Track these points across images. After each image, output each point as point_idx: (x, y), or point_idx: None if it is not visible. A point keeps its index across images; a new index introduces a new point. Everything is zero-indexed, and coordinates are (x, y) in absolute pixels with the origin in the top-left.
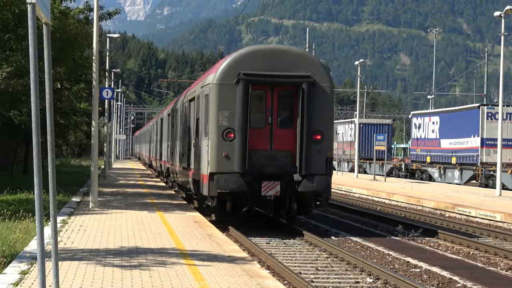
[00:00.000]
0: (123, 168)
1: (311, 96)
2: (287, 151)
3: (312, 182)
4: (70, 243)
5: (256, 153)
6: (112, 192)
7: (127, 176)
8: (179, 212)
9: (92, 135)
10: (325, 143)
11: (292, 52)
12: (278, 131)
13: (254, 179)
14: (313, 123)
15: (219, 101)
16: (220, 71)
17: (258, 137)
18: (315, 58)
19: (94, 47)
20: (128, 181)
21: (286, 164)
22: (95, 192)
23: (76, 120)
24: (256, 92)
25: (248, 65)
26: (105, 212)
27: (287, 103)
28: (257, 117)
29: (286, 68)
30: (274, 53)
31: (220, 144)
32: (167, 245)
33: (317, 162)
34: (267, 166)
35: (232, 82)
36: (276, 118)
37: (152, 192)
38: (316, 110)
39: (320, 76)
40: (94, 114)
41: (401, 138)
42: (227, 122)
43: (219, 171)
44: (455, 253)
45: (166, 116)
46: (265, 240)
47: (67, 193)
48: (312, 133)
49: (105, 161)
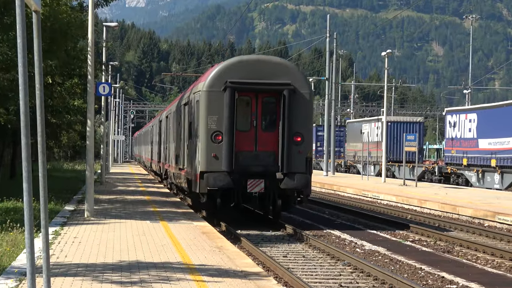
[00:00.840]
0: (122, 173)
1: (291, 102)
2: (270, 152)
3: (293, 180)
4: (63, 256)
5: (243, 153)
6: (110, 199)
7: (126, 181)
8: (185, 221)
9: (87, 136)
10: (305, 145)
11: (274, 61)
12: (262, 134)
13: (241, 177)
14: (293, 127)
15: (208, 106)
16: (209, 79)
17: (245, 139)
18: (295, 67)
19: (89, 37)
20: (127, 187)
21: (269, 164)
22: (90, 199)
23: (69, 119)
24: (243, 99)
25: (235, 74)
26: (102, 222)
27: (271, 108)
28: (243, 121)
29: (269, 77)
30: (258, 63)
31: (209, 145)
32: (172, 259)
33: (298, 162)
34: (252, 165)
35: (220, 89)
36: (261, 122)
37: (154, 199)
38: (297, 115)
39: (300, 83)
40: (89, 112)
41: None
42: (215, 126)
43: (208, 170)
44: (496, 267)
45: (164, 118)
46: (281, 252)
47: (59, 201)
48: (293, 135)
49: (101, 165)
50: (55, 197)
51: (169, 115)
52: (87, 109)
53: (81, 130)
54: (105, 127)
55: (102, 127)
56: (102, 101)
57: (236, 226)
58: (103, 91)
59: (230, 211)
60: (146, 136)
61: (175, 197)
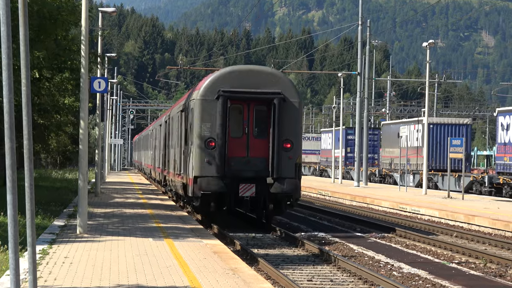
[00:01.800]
0: (120, 182)
1: (281, 110)
2: (261, 158)
3: (282, 184)
4: (52, 279)
5: (235, 159)
6: (106, 213)
7: (125, 192)
8: (194, 239)
9: (79, 139)
10: (294, 151)
11: (265, 71)
12: (254, 140)
13: (233, 181)
14: (283, 134)
15: (201, 114)
16: (203, 88)
17: (237, 146)
18: (285, 76)
19: (83, 25)
20: (126, 199)
21: (260, 169)
22: (83, 213)
23: (59, 120)
24: (235, 107)
25: (227, 83)
26: (97, 239)
27: (262, 116)
28: (236, 128)
29: (260, 86)
30: (250, 73)
31: (203, 151)
32: (179, 283)
33: (287, 167)
34: (244, 170)
35: (213, 98)
36: (252, 129)
37: (158, 213)
38: (286, 122)
39: (289, 92)
40: (83, 111)
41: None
42: (209, 133)
43: (202, 175)
44: None
45: (164, 122)
46: (305, 275)
47: (47, 214)
48: (283, 142)
49: (96, 173)
50: (42, 210)
51: (168, 120)
52: (79, 108)
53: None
54: (101, 129)
55: (97, 129)
56: (97, 99)
57: (266, 258)
58: (98, 88)
59: (231, 218)
60: (146, 140)
61: (181, 210)
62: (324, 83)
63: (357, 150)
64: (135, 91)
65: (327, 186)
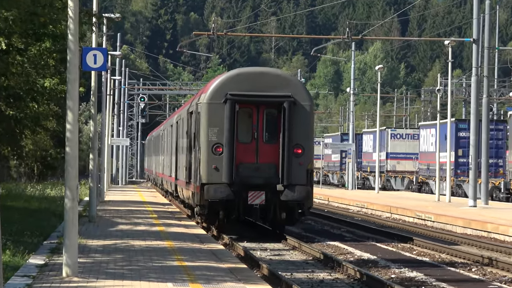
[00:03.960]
0: (125, 202)
1: (292, 114)
2: (271, 164)
3: (293, 192)
4: None
5: (243, 165)
6: (106, 247)
7: (132, 216)
8: (233, 284)
9: (66, 139)
10: (306, 156)
11: (274, 74)
12: (264, 145)
13: (241, 189)
14: (294, 139)
15: (209, 118)
16: (210, 92)
17: (246, 151)
18: (295, 79)
19: None
20: (135, 225)
21: (270, 176)
22: (73, 247)
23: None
24: (244, 111)
25: (235, 86)
26: (93, 284)
27: (272, 120)
28: (245, 133)
29: (269, 89)
30: (259, 75)
31: (210, 157)
32: None
33: (298, 174)
34: (253, 177)
35: (221, 101)
36: (262, 134)
37: (181, 246)
38: (297, 127)
39: (300, 95)
40: (71, 99)
41: None
42: (216, 138)
43: (209, 182)
44: None
45: (175, 123)
46: None
47: (19, 249)
48: (294, 147)
49: (91, 189)
50: (13, 243)
51: (178, 121)
52: (67, 94)
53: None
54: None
55: (92, 125)
56: (92, 80)
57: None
58: (93, 63)
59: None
60: (158, 142)
61: (215, 242)
62: (424, 56)
63: (473, 153)
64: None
65: (429, 207)
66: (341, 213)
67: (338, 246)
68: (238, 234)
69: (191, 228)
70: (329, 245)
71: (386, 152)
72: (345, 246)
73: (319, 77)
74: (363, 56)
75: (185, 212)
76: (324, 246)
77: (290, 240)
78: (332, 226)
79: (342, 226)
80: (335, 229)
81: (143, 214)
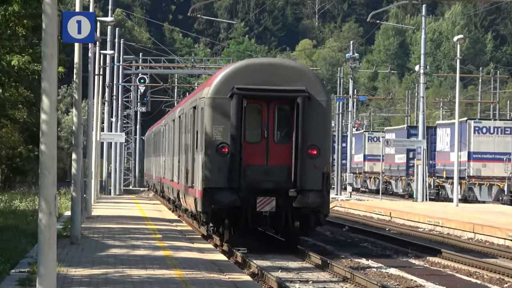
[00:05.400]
0: (119, 217)
1: (306, 111)
2: (283, 166)
3: (307, 198)
4: None
5: (252, 168)
6: (93, 277)
7: (128, 236)
8: None
9: (41, 133)
10: (322, 158)
11: (286, 65)
12: (275, 146)
13: (249, 194)
14: (308, 138)
15: (213, 115)
16: (214, 85)
17: (254, 152)
18: (310, 71)
19: None
20: (132, 249)
21: (282, 180)
22: (49, 277)
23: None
24: (252, 107)
25: (243, 79)
26: None
27: (284, 117)
28: (253, 132)
29: (281, 82)
30: (269, 67)
31: (214, 159)
32: None
33: (313, 178)
34: (263, 181)
35: (226, 96)
36: (272, 133)
37: (193, 276)
38: (312, 125)
39: (315, 90)
40: (47, 80)
41: None
42: (221, 137)
43: (213, 186)
44: None
45: (177, 117)
46: None
47: None
48: (308, 148)
49: (74, 199)
50: None
51: (182, 116)
52: (41, 75)
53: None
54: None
55: (75, 114)
56: (76, 56)
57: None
58: (77, 33)
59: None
60: (158, 139)
61: (239, 272)
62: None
63: None
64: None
65: None
66: (408, 232)
67: (403, 276)
68: (247, 245)
69: (207, 252)
70: (391, 275)
71: (467, 151)
72: (412, 276)
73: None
74: (437, 23)
75: (199, 231)
76: (384, 276)
77: (338, 268)
78: (395, 250)
79: (407, 249)
80: (399, 254)
81: (143, 234)
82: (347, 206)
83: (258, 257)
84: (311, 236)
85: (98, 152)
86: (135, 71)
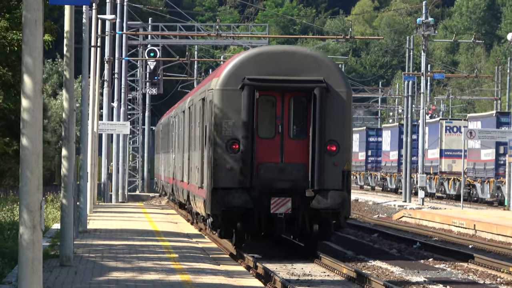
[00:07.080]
0: (123, 232)
1: (324, 103)
2: (299, 164)
3: (326, 198)
4: None
5: (265, 166)
6: None
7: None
8: None
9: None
10: (341, 155)
11: (302, 53)
12: (290, 141)
13: (262, 194)
14: (327, 133)
15: (222, 108)
16: (223, 76)
17: (268, 149)
18: (329, 59)
19: None
20: (140, 272)
21: (298, 179)
22: None
23: None
24: (265, 99)
25: (255, 68)
26: None
27: (300, 110)
28: (266, 126)
29: (296, 72)
30: (283, 55)
31: (223, 156)
32: None
33: (332, 176)
34: (277, 180)
35: (237, 87)
36: (287, 127)
37: None
38: (331, 119)
39: (334, 80)
40: (30, 54)
41: None
42: (231, 132)
43: (222, 186)
44: None
45: (187, 108)
46: None
47: None
48: (326, 144)
49: (63, 208)
50: None
51: (191, 107)
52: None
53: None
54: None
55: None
56: (66, 23)
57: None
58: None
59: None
60: (167, 133)
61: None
62: None
63: None
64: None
65: None
66: (497, 250)
67: None
68: (261, 252)
69: (237, 276)
70: None
71: None
72: None
73: (459, 14)
74: None
75: (226, 250)
76: None
77: None
78: (480, 273)
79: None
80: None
81: (154, 253)
82: (419, 216)
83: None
84: (373, 254)
85: (95, 147)
86: (143, 42)
